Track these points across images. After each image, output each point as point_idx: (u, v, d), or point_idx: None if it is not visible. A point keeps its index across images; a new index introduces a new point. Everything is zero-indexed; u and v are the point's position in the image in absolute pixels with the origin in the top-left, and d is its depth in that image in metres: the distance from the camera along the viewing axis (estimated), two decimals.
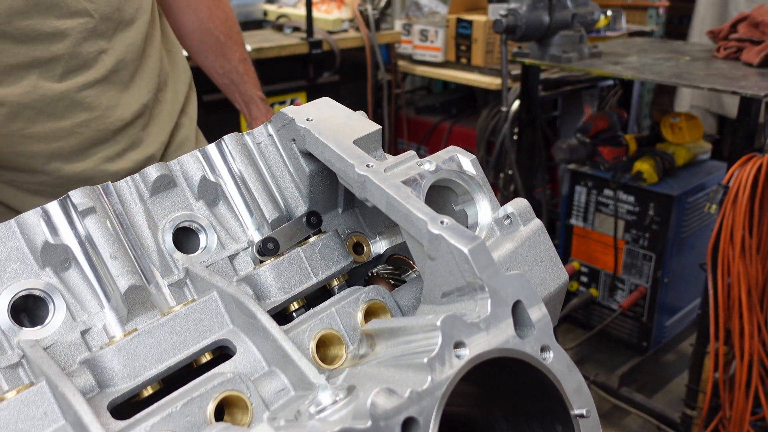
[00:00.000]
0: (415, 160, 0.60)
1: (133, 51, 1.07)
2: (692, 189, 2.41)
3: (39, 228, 0.54)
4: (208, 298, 0.56)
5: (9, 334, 0.52)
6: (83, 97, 1.01)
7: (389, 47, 3.17)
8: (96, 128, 1.03)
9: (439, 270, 0.52)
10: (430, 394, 0.42)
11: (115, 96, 1.05)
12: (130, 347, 0.51)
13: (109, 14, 1.01)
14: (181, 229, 0.61)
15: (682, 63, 2.23)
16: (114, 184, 0.59)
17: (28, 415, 0.46)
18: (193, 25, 1.30)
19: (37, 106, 0.98)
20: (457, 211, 0.63)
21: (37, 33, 0.95)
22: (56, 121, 1.00)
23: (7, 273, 0.53)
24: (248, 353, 0.53)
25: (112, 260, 0.55)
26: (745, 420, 1.96)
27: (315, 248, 0.62)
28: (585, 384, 0.50)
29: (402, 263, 0.69)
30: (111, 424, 0.47)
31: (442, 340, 0.44)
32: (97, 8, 0.99)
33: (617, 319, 2.60)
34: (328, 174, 0.65)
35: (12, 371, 0.51)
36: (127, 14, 1.05)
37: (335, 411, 0.42)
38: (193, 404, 0.47)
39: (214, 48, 1.33)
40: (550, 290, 0.59)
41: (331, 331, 0.55)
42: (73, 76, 1.00)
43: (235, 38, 1.35)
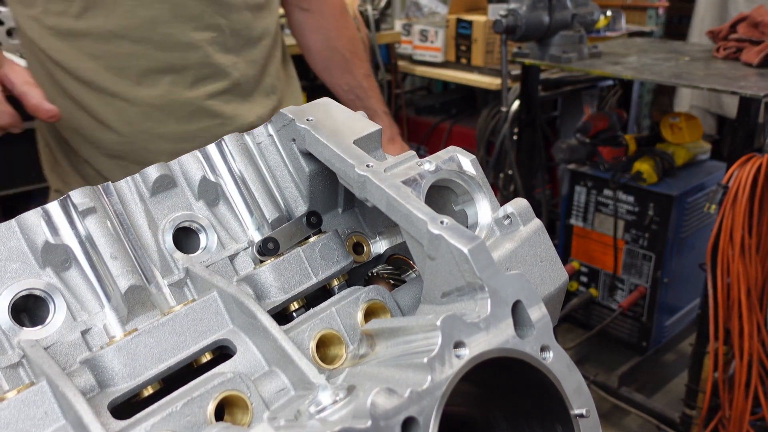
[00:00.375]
0: (415, 160, 0.60)
1: (256, 67, 1.19)
2: (692, 189, 2.41)
3: (39, 228, 0.54)
4: (208, 298, 0.56)
5: (9, 333, 0.52)
6: (209, 105, 1.12)
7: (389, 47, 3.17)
8: (216, 134, 1.12)
9: (439, 270, 0.52)
10: (430, 394, 0.42)
11: (236, 107, 1.16)
12: (130, 347, 0.52)
13: (238, 30, 1.13)
14: (181, 229, 0.61)
15: (682, 63, 2.24)
16: (114, 184, 0.59)
17: (28, 414, 0.46)
18: (321, 44, 1.38)
19: (167, 109, 1.10)
20: (456, 211, 0.63)
21: (176, 42, 1.07)
22: (183, 125, 1.11)
23: (7, 273, 0.53)
24: (248, 353, 0.53)
25: (113, 260, 0.55)
26: (745, 420, 1.96)
27: (315, 248, 0.62)
28: (585, 384, 0.50)
29: (402, 263, 0.69)
30: (111, 424, 0.47)
31: (442, 340, 0.44)
32: (229, 24, 1.11)
33: (617, 319, 2.61)
34: (328, 174, 0.65)
35: (12, 371, 0.51)
36: (255, 33, 1.17)
37: (335, 411, 0.42)
38: (193, 404, 0.47)
39: (340, 65, 1.40)
40: (550, 290, 0.59)
41: (331, 330, 0.55)
42: (201, 85, 1.11)
43: (360, 55, 1.42)
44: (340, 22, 1.38)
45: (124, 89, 1.09)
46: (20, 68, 0.86)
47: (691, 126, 2.50)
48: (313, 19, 1.36)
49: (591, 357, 2.74)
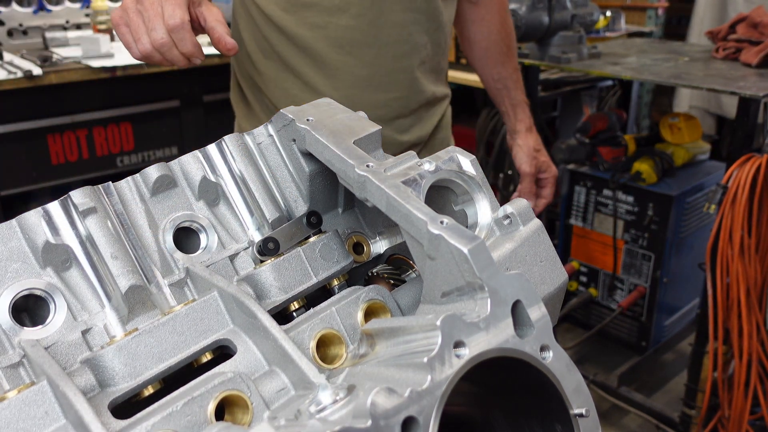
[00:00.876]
0: (415, 160, 0.60)
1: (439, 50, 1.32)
2: (691, 189, 2.41)
3: (40, 228, 0.54)
4: (208, 298, 0.56)
5: (10, 333, 0.52)
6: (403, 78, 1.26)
7: None
8: (402, 105, 1.28)
9: (438, 270, 0.52)
10: (429, 394, 0.42)
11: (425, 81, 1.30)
12: (130, 347, 0.52)
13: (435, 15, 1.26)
14: (181, 229, 0.61)
15: (681, 63, 2.24)
16: (115, 184, 0.59)
17: (29, 414, 0.46)
18: (483, 36, 1.48)
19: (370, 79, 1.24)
20: (456, 211, 0.63)
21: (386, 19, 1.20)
22: (382, 93, 1.26)
23: (8, 273, 0.53)
24: (249, 353, 0.54)
25: (113, 260, 0.55)
26: (744, 419, 1.96)
27: (315, 248, 0.62)
28: (584, 383, 0.50)
29: (402, 263, 0.69)
30: (112, 424, 0.47)
31: (442, 340, 0.44)
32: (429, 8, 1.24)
33: (616, 319, 2.61)
34: (329, 174, 0.65)
35: (13, 371, 0.51)
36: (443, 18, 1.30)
37: (335, 410, 0.42)
38: (193, 403, 0.47)
39: (496, 57, 1.49)
40: (549, 290, 0.59)
41: (331, 330, 0.55)
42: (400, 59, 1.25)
43: (514, 50, 1.52)
44: (503, 16, 1.48)
45: (336, 58, 1.21)
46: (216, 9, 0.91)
47: (690, 126, 2.50)
48: (479, 12, 1.45)
49: (590, 357, 2.75)
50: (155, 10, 0.84)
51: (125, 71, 2.16)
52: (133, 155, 2.34)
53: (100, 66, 2.11)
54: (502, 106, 1.55)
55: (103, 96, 2.22)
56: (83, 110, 2.21)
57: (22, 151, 2.13)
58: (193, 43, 0.86)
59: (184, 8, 0.85)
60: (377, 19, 1.20)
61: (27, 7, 2.45)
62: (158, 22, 0.84)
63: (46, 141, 2.16)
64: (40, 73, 2.03)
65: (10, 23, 2.42)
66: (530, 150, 1.52)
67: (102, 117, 2.24)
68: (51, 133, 2.16)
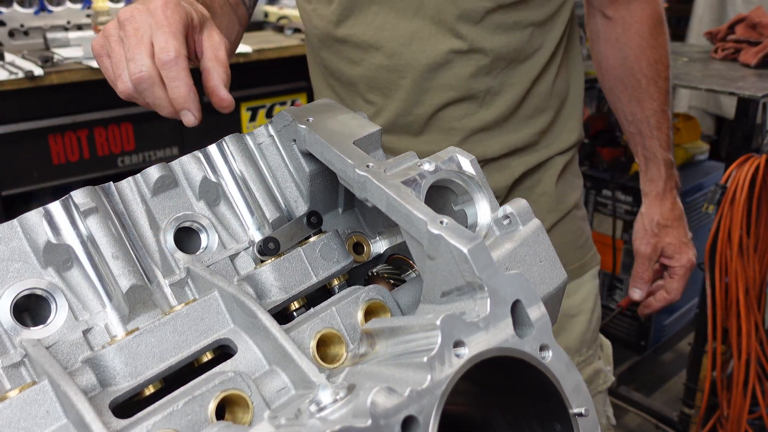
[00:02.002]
0: (415, 160, 0.60)
1: (516, 90, 1.03)
2: (690, 189, 2.42)
3: (41, 228, 0.55)
4: (209, 298, 0.56)
5: (11, 333, 0.52)
6: (444, 122, 1.04)
7: None
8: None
9: (438, 270, 0.52)
10: (429, 393, 0.42)
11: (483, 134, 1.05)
12: (131, 346, 0.52)
13: (502, 53, 1.00)
14: (182, 229, 0.62)
15: (680, 64, 2.24)
16: (116, 184, 0.60)
17: (30, 413, 0.47)
18: (615, 61, 1.14)
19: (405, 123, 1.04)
20: (456, 211, 0.63)
21: (427, 60, 0.99)
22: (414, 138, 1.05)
23: (9, 273, 0.54)
24: (249, 352, 0.54)
25: (114, 260, 0.55)
26: (743, 418, 1.97)
27: (315, 248, 0.62)
28: (584, 383, 0.50)
29: (402, 263, 0.70)
30: (113, 423, 0.47)
31: (442, 340, 0.44)
32: (493, 46, 0.98)
33: (616, 319, 2.61)
34: (329, 174, 0.65)
35: (14, 370, 0.51)
36: (523, 54, 1.02)
37: (335, 410, 0.42)
38: (194, 403, 0.48)
39: (630, 91, 1.15)
40: (549, 290, 0.59)
41: (331, 330, 0.55)
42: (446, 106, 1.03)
43: (660, 84, 1.15)
44: (646, 39, 1.11)
45: (374, 98, 1.05)
46: (218, 37, 0.67)
47: (689, 126, 2.50)
48: (614, 30, 1.12)
49: None
50: (139, 36, 0.62)
51: None
52: (134, 155, 2.34)
53: None
54: (635, 155, 1.22)
55: (104, 96, 2.22)
56: (84, 110, 2.21)
57: (24, 151, 2.13)
58: (188, 87, 0.63)
59: (181, 38, 0.62)
60: (417, 57, 0.99)
61: (28, 8, 2.45)
62: (140, 50, 0.61)
63: (47, 141, 2.16)
64: (41, 73, 2.03)
65: (12, 24, 2.42)
66: (652, 224, 1.16)
67: (103, 117, 2.24)
68: (52, 134, 2.16)
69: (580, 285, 1.15)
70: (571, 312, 1.13)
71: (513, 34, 0.99)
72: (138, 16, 0.62)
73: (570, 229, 1.14)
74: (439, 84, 1.00)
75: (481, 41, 0.97)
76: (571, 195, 1.15)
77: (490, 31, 0.97)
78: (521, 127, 1.06)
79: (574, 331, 1.13)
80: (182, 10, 0.64)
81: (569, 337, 1.12)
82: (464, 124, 1.03)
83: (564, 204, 1.12)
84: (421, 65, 0.99)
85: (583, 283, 1.15)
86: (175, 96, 0.62)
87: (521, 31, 0.99)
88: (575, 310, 1.13)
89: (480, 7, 0.95)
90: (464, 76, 0.99)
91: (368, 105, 1.06)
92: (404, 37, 0.97)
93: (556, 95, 1.10)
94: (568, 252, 1.12)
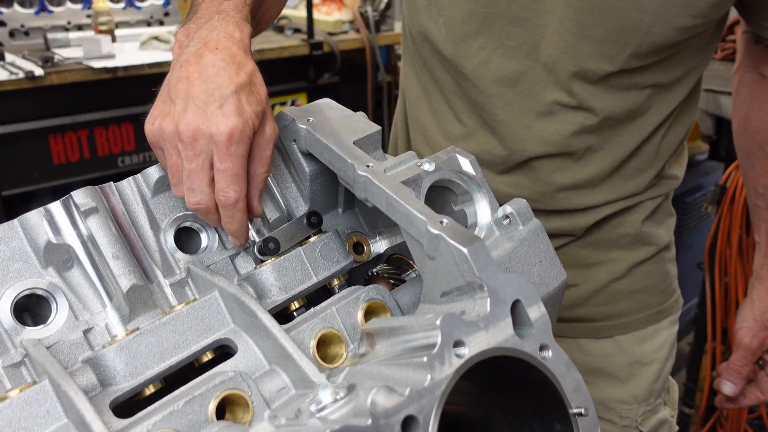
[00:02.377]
0: (415, 160, 0.60)
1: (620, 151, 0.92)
2: (690, 189, 2.41)
3: (42, 228, 0.55)
4: (209, 298, 0.56)
5: (12, 333, 0.52)
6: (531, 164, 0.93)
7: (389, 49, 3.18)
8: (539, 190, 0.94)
9: (438, 269, 0.52)
10: (429, 393, 0.42)
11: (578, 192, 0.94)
12: (132, 346, 0.52)
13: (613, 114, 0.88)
14: (182, 229, 0.62)
15: None
16: (116, 185, 0.60)
17: (30, 413, 0.47)
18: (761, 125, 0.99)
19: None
20: (456, 211, 0.63)
21: (531, 105, 0.89)
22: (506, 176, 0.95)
23: (10, 272, 0.54)
24: (249, 352, 0.54)
25: (114, 260, 0.56)
26: (742, 418, 1.97)
27: (315, 248, 0.62)
28: (583, 383, 0.50)
29: (402, 263, 0.70)
30: (113, 423, 0.47)
31: (442, 339, 0.44)
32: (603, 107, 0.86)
33: None
34: (329, 174, 0.65)
35: (15, 370, 0.51)
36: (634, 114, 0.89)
37: (336, 409, 0.42)
38: (194, 403, 0.48)
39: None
40: (548, 290, 0.59)
41: (331, 330, 0.55)
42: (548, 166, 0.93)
43: None
44: None
45: (466, 120, 0.95)
46: (270, 132, 0.61)
47: None
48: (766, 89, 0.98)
49: None
50: (200, 164, 0.57)
51: (126, 72, 2.17)
52: (134, 155, 2.34)
53: (101, 66, 2.12)
54: (756, 233, 1.07)
55: (104, 96, 2.23)
56: (84, 110, 2.21)
57: (24, 152, 2.14)
58: (241, 225, 0.60)
59: (243, 179, 0.58)
60: (522, 98, 0.88)
61: (29, 8, 2.45)
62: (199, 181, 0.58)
63: (47, 141, 2.16)
64: (41, 73, 2.03)
65: (12, 24, 2.42)
66: (764, 315, 1.01)
67: (103, 117, 2.24)
68: (52, 134, 2.16)
69: (656, 332, 1.01)
70: (643, 360, 1.01)
71: (629, 94, 0.86)
72: (201, 140, 0.57)
73: (653, 272, 1.00)
74: (536, 134, 0.89)
75: (592, 100, 0.85)
76: (660, 235, 1.02)
77: (604, 90, 0.85)
78: (616, 188, 0.94)
79: (643, 381, 1.01)
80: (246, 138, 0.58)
81: (637, 387, 1.01)
82: (554, 177, 0.92)
83: (650, 246, 1.00)
84: (521, 109, 0.89)
85: (659, 329, 1.02)
86: (228, 228, 0.61)
87: (638, 92, 0.87)
88: (648, 358, 1.01)
89: (600, 70, 0.83)
90: (566, 133, 0.88)
91: (459, 123, 0.96)
92: (509, 78, 0.87)
93: (662, 156, 0.96)
94: (648, 297, 1.00)
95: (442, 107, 0.97)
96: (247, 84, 0.59)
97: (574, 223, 0.95)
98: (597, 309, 0.97)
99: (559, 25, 0.81)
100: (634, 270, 0.98)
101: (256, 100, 0.60)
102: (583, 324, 0.98)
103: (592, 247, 0.97)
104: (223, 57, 0.59)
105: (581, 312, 0.98)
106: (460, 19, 0.86)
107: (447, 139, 0.97)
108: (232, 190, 0.58)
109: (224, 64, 0.59)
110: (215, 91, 0.57)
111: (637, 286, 0.98)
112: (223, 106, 0.57)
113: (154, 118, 0.60)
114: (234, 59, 0.60)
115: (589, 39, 0.80)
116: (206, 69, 0.59)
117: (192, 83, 0.58)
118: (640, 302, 0.99)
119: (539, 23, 0.82)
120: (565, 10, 0.80)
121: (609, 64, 0.82)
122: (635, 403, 1.01)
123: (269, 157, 0.62)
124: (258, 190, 0.62)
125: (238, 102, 0.58)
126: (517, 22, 0.83)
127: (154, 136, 0.60)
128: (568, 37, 0.81)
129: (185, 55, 0.61)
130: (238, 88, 0.58)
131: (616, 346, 0.99)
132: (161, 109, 0.60)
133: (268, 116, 0.61)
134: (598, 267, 0.97)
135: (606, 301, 0.97)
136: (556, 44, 0.82)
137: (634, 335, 0.99)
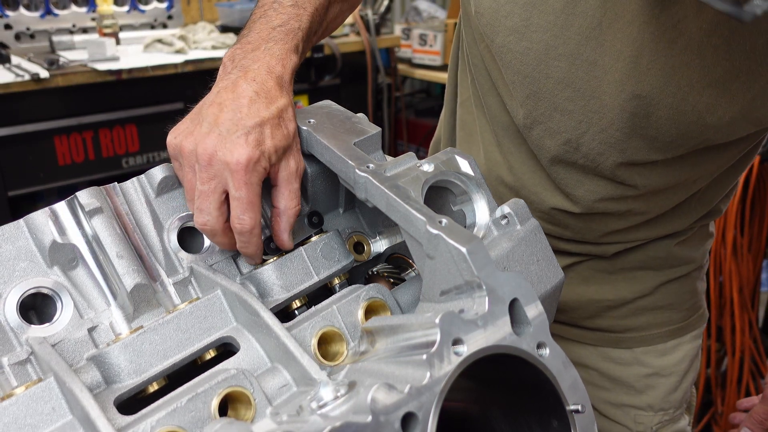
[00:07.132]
0: (415, 161, 0.61)
1: (665, 204, 0.88)
2: None
3: (47, 227, 0.55)
4: (212, 296, 0.57)
5: (18, 331, 0.53)
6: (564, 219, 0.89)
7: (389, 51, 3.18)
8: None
9: (437, 269, 0.53)
10: (429, 390, 0.43)
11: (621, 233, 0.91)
12: (136, 344, 0.53)
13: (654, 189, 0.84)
14: (186, 228, 0.62)
15: None
16: (120, 185, 0.60)
17: (36, 410, 0.47)
18: None
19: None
20: (455, 211, 0.64)
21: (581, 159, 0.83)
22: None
23: (16, 272, 0.54)
24: (251, 350, 0.54)
25: (119, 259, 0.56)
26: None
27: (317, 247, 0.63)
28: (580, 380, 0.51)
29: (401, 262, 0.70)
30: (117, 419, 0.48)
31: (441, 337, 0.45)
32: (647, 185, 0.83)
33: None
34: (330, 175, 0.66)
35: (21, 367, 0.52)
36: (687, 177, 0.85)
37: (336, 406, 0.43)
38: (197, 400, 0.48)
39: None
40: (546, 288, 0.59)
41: (332, 328, 0.56)
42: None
43: None
44: None
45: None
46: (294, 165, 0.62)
47: None
48: None
49: None
50: (212, 187, 0.58)
51: (130, 74, 2.18)
52: (138, 156, 2.35)
53: (105, 69, 2.13)
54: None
55: (108, 98, 2.24)
56: (89, 112, 2.22)
57: (30, 153, 2.15)
58: (256, 249, 0.61)
59: (257, 206, 0.59)
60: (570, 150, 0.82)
61: (34, 12, 2.47)
62: (209, 203, 0.58)
63: (53, 142, 2.17)
64: (47, 75, 2.05)
65: (18, 27, 2.44)
66: None
67: (108, 119, 2.25)
68: (58, 135, 2.17)
69: (677, 346, 0.99)
70: (662, 372, 1.00)
71: (677, 171, 0.83)
72: (216, 165, 0.58)
73: (680, 291, 0.97)
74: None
75: (635, 178, 0.82)
76: (695, 258, 0.98)
77: (650, 170, 0.82)
78: (656, 228, 0.92)
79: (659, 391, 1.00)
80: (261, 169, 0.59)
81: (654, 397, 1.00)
82: (591, 226, 0.90)
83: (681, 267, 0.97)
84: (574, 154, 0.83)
85: (681, 344, 1.00)
86: (243, 252, 0.62)
87: (690, 168, 0.83)
88: (667, 371, 1.00)
89: (648, 159, 0.79)
90: (600, 198, 0.85)
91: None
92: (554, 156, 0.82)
93: (710, 202, 0.93)
94: (671, 313, 0.98)
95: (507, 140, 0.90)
96: (275, 118, 0.61)
97: (604, 250, 0.93)
98: (618, 321, 0.96)
99: (608, 124, 0.76)
100: (661, 288, 0.96)
101: (281, 135, 0.61)
102: (604, 334, 0.97)
103: (620, 265, 0.95)
104: (256, 90, 0.61)
105: (602, 323, 0.96)
106: (519, 102, 0.82)
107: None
108: (248, 217, 0.59)
109: (256, 96, 0.61)
110: (240, 121, 0.59)
111: (662, 303, 0.96)
112: (244, 136, 0.58)
113: (179, 133, 0.61)
114: (268, 94, 0.61)
115: (642, 137, 0.76)
116: (238, 99, 0.60)
117: (222, 110, 0.60)
118: (663, 317, 0.96)
119: (583, 119, 0.78)
120: (619, 114, 0.75)
121: (659, 155, 0.78)
122: (651, 411, 0.99)
123: (297, 190, 0.62)
124: (289, 225, 0.62)
125: (260, 134, 0.59)
126: (559, 109, 0.79)
127: (174, 149, 0.61)
128: (615, 134, 0.77)
129: (224, 82, 0.63)
130: (264, 121, 0.59)
131: (634, 357, 0.97)
132: (187, 126, 0.61)
133: (293, 150, 0.62)
134: (625, 283, 0.95)
135: (627, 315, 0.95)
136: (601, 140, 0.78)
137: (655, 348, 0.97)
